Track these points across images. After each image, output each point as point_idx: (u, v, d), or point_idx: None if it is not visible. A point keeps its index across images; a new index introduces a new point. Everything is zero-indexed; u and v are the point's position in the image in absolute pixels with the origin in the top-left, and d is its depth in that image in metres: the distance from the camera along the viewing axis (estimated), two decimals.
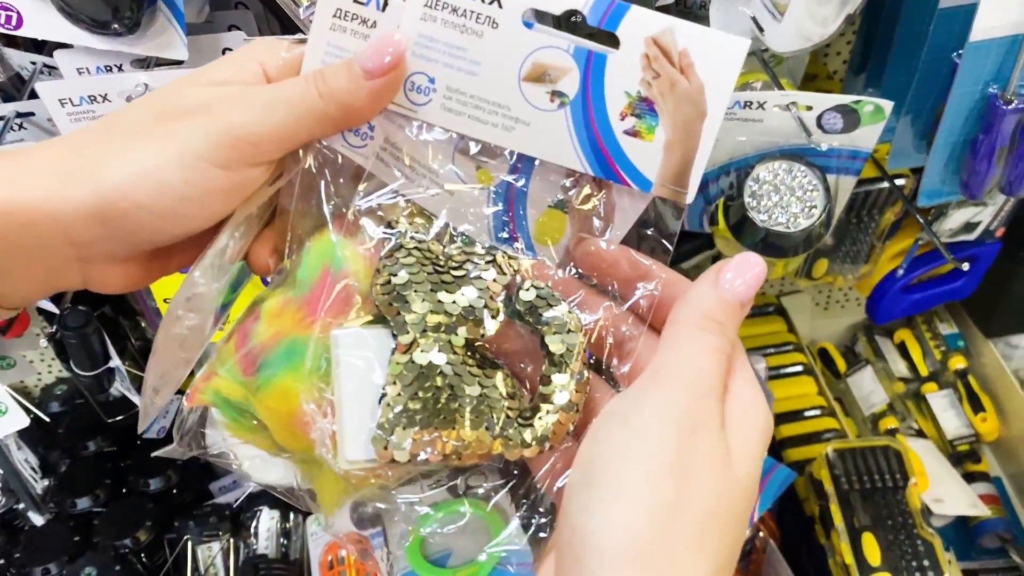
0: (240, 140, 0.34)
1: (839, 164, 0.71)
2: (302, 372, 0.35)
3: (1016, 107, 0.64)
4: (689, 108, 0.34)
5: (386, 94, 0.35)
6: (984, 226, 0.94)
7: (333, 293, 0.35)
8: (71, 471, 1.08)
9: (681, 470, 0.30)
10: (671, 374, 0.32)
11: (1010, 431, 1.17)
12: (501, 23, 0.33)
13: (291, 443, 0.37)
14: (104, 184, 0.33)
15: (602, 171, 0.35)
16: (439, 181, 0.37)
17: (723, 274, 0.33)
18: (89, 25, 0.57)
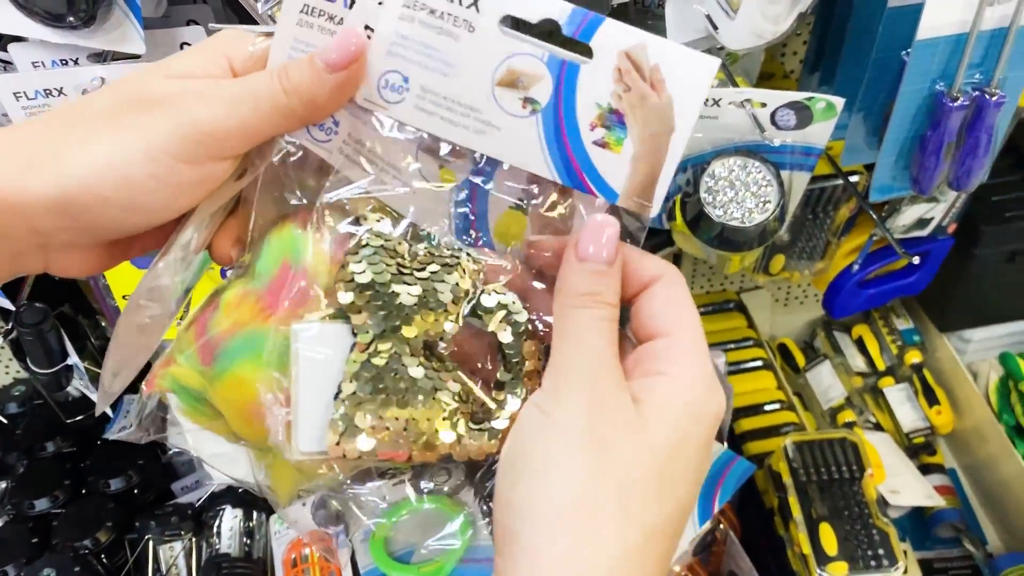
0: (206, 135, 0.34)
1: (793, 160, 0.73)
2: (258, 363, 0.35)
3: (961, 104, 0.66)
4: (658, 123, 0.34)
5: (348, 88, 0.36)
6: (936, 222, 0.97)
7: (292, 287, 0.36)
8: (29, 472, 1.07)
9: (592, 439, 0.32)
10: (564, 360, 0.34)
11: (964, 423, 1.20)
12: (477, 27, 0.34)
13: (247, 433, 0.38)
14: (68, 176, 0.33)
15: (570, 180, 0.35)
16: (403, 178, 0.38)
17: (580, 246, 0.34)
18: (44, 18, 0.57)
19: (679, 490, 0.33)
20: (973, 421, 1.18)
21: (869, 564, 0.89)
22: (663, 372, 0.34)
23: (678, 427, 0.33)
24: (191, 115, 0.34)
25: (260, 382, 0.36)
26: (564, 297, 0.35)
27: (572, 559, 0.30)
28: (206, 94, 0.34)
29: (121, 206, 0.34)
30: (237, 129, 0.34)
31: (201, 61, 0.35)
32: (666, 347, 0.35)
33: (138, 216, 0.35)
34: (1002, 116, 0.68)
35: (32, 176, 0.33)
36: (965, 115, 0.67)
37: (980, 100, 0.66)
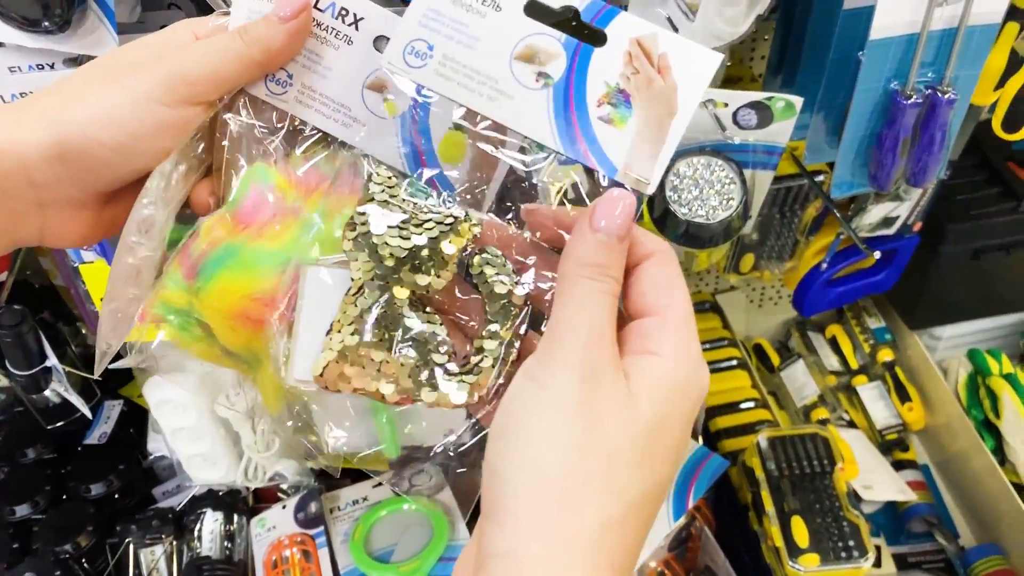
0: (181, 80, 0.39)
1: (755, 159, 0.75)
2: (238, 270, 0.39)
3: (915, 101, 0.68)
4: (662, 105, 0.36)
5: (300, 34, 0.41)
6: (902, 220, 0.99)
7: (263, 205, 0.40)
8: (9, 478, 1.07)
9: (582, 412, 0.33)
10: (564, 329, 0.34)
11: (935, 420, 1.22)
12: (504, 7, 0.38)
13: (233, 341, 0.41)
14: (64, 123, 0.39)
15: (571, 151, 0.37)
16: (352, 115, 0.42)
17: (595, 218, 0.35)
18: (20, 23, 0.58)
19: (661, 466, 0.34)
20: (944, 417, 1.20)
21: (840, 555, 0.91)
22: (652, 351, 0.35)
23: (664, 405, 0.34)
24: (169, 65, 0.40)
25: (241, 287, 0.39)
26: (572, 265, 0.35)
27: (556, 527, 0.31)
28: (179, 51, 0.40)
29: (111, 147, 0.39)
30: (207, 75, 0.40)
31: (171, 35, 0.42)
32: (655, 326, 0.36)
33: (125, 156, 0.40)
34: (955, 113, 0.70)
35: (28, 129, 0.39)
36: (919, 112, 0.69)
37: (933, 98, 0.69)
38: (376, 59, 0.41)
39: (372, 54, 0.41)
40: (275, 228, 0.40)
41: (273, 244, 0.40)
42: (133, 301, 0.42)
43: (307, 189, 0.41)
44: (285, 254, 0.39)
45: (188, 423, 0.92)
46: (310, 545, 1.01)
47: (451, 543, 1.02)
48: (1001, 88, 0.72)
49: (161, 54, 0.40)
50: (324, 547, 1.01)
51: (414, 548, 1.00)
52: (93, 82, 0.40)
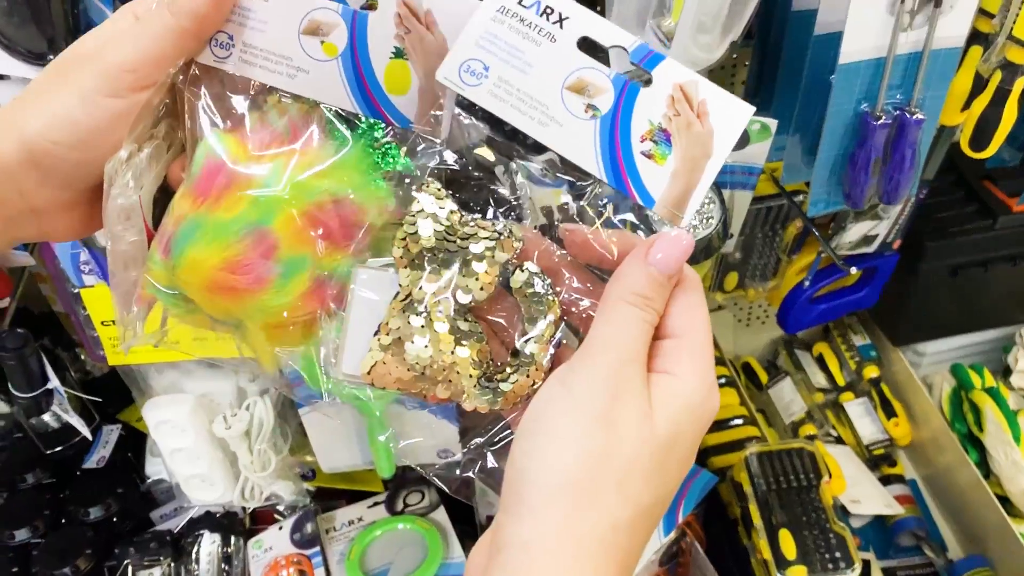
0: (121, 70, 0.40)
1: (734, 179, 0.78)
2: (203, 244, 0.40)
3: (884, 122, 0.71)
4: (698, 147, 0.39)
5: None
6: (881, 238, 1.02)
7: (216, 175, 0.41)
8: (9, 504, 1.08)
9: (606, 423, 0.35)
10: (602, 345, 0.37)
11: (921, 435, 1.24)
12: (559, 39, 0.40)
13: (214, 309, 0.42)
14: (27, 133, 0.40)
15: (614, 180, 0.40)
16: (295, 65, 0.43)
17: (653, 251, 0.37)
18: (25, 56, 0.61)
19: (669, 479, 0.37)
20: (929, 432, 1.22)
21: (827, 567, 0.92)
22: (670, 372, 0.37)
23: (678, 424, 0.36)
24: (107, 59, 0.40)
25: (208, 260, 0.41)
26: (620, 289, 0.37)
27: (570, 524, 0.34)
28: (115, 39, 0.41)
29: (71, 146, 0.40)
30: (144, 58, 0.40)
31: (112, 22, 0.42)
32: (675, 348, 0.38)
33: (88, 152, 0.41)
34: (923, 133, 0.73)
35: (4, 143, 0.40)
36: (889, 133, 0.72)
37: (902, 118, 0.72)
38: (306, 1, 0.41)
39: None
40: (234, 195, 0.40)
41: (231, 212, 0.40)
42: (134, 281, 0.43)
43: (260, 148, 0.41)
44: (244, 220, 0.40)
45: (186, 444, 0.94)
46: (306, 565, 1.03)
47: (446, 562, 1.03)
48: (968, 109, 0.75)
49: (102, 45, 0.41)
50: (320, 567, 1.02)
51: (409, 567, 1.02)
52: (48, 85, 0.41)
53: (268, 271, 0.40)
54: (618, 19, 0.69)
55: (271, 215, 0.40)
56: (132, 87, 0.40)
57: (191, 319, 0.43)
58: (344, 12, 0.42)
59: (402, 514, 1.10)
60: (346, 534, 1.10)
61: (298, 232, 0.40)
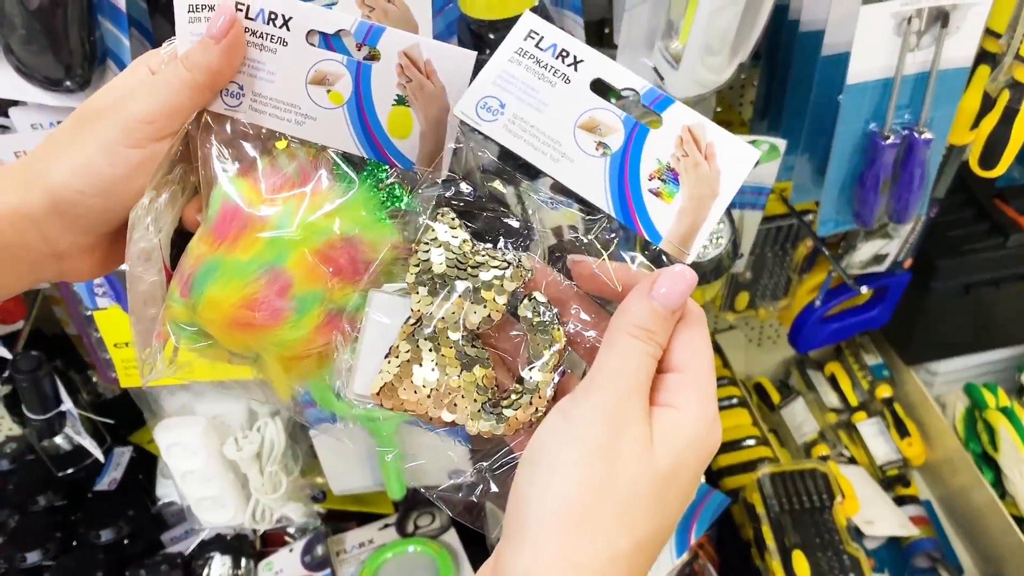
0: (140, 122, 0.42)
1: (743, 200, 0.78)
2: (221, 283, 0.42)
3: (893, 142, 0.71)
4: (705, 187, 0.40)
5: (235, 51, 0.43)
6: (892, 257, 1.02)
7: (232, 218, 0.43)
8: (20, 526, 1.09)
9: (607, 454, 0.35)
10: (604, 377, 0.37)
11: (935, 454, 1.23)
12: (573, 81, 0.41)
13: (234, 344, 0.44)
14: (53, 183, 0.42)
15: (623, 216, 0.41)
16: (303, 112, 0.45)
17: (656, 286, 0.38)
18: (43, 83, 0.62)
19: (670, 511, 0.37)
20: (943, 452, 1.21)
21: None
22: (673, 405, 0.37)
23: (679, 457, 0.37)
24: (126, 111, 0.42)
25: (227, 298, 0.43)
26: (624, 323, 0.38)
27: (570, 555, 0.34)
28: (133, 92, 0.43)
29: (94, 194, 0.42)
30: (161, 111, 0.42)
31: (128, 75, 0.44)
32: (677, 382, 0.38)
33: (110, 200, 0.43)
34: (932, 152, 0.73)
35: (30, 193, 0.42)
36: (897, 152, 0.73)
37: (910, 138, 0.72)
38: (312, 53, 0.43)
39: (308, 49, 0.43)
40: (249, 237, 0.42)
41: (248, 253, 0.42)
42: (154, 319, 0.45)
43: (272, 191, 0.43)
44: (260, 260, 0.42)
45: (197, 466, 0.94)
46: None
47: None
48: (976, 128, 0.75)
49: (120, 97, 0.43)
50: None
51: None
52: (70, 136, 0.43)
53: (283, 307, 0.42)
54: (627, 41, 0.70)
55: (285, 255, 0.42)
56: (151, 138, 0.42)
57: (209, 353, 0.45)
58: (349, 63, 0.44)
59: (413, 536, 1.10)
60: (356, 556, 1.09)
61: (310, 270, 0.43)
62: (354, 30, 0.43)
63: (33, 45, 0.59)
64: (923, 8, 0.65)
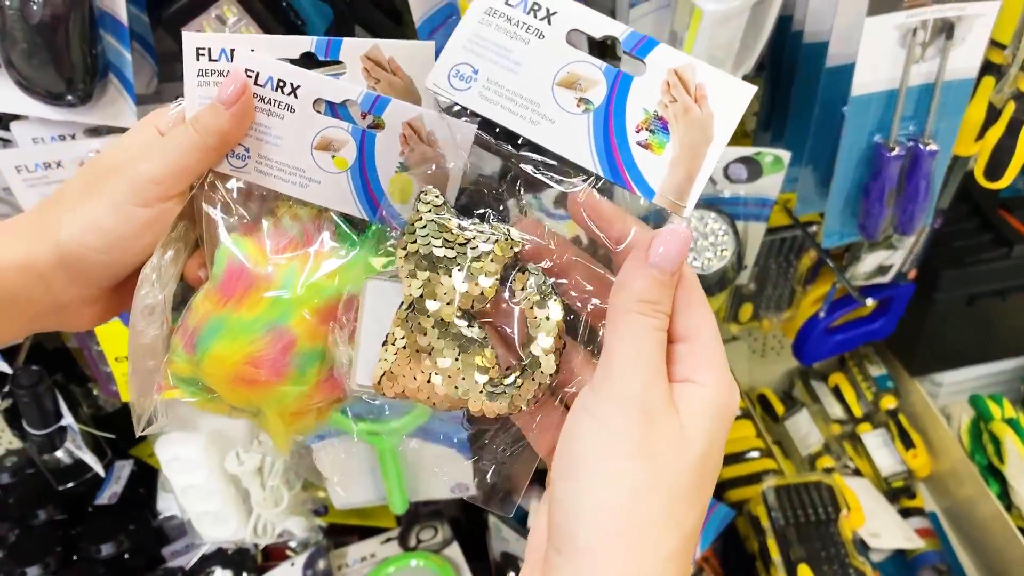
0: (148, 182, 0.43)
1: (747, 211, 0.77)
2: (226, 341, 0.43)
3: (898, 154, 0.71)
4: (698, 132, 0.38)
5: (244, 116, 0.44)
6: (896, 268, 1.01)
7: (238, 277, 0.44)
8: (21, 540, 1.08)
9: (645, 454, 0.35)
10: (621, 364, 0.36)
11: (940, 466, 1.23)
12: (547, 36, 0.39)
13: (236, 399, 0.45)
14: (61, 239, 0.43)
15: (611, 174, 0.38)
16: (307, 176, 0.45)
17: (652, 249, 0.36)
18: (44, 97, 0.62)
19: (707, 492, 0.37)
20: (949, 463, 1.21)
21: None
22: (692, 380, 0.36)
23: (710, 435, 0.36)
24: (136, 171, 0.43)
25: (231, 356, 0.43)
26: (625, 300, 0.36)
27: (626, 565, 0.34)
28: (143, 152, 0.44)
29: (102, 251, 0.43)
30: (170, 172, 0.43)
31: (137, 134, 0.45)
32: (689, 353, 0.37)
33: (118, 256, 0.44)
34: (937, 164, 0.73)
35: (37, 247, 0.43)
36: (903, 164, 0.72)
37: (915, 150, 0.71)
38: (319, 120, 0.44)
39: (314, 116, 0.44)
40: (255, 296, 0.44)
41: (253, 312, 0.44)
42: (152, 371, 0.46)
43: (276, 251, 0.45)
44: (265, 319, 0.43)
45: (199, 480, 0.93)
46: None
47: None
48: (982, 139, 0.75)
49: (130, 157, 0.44)
50: None
51: None
52: (80, 193, 0.44)
53: (286, 364, 0.44)
54: None
55: (289, 314, 0.44)
56: (159, 197, 0.43)
57: (210, 406, 0.46)
58: (354, 131, 0.44)
59: (415, 550, 1.09)
60: (359, 571, 1.09)
61: (313, 328, 0.44)
62: (360, 100, 0.43)
63: (35, 59, 0.59)
64: (928, 20, 0.65)
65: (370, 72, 0.45)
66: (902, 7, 0.64)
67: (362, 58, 0.45)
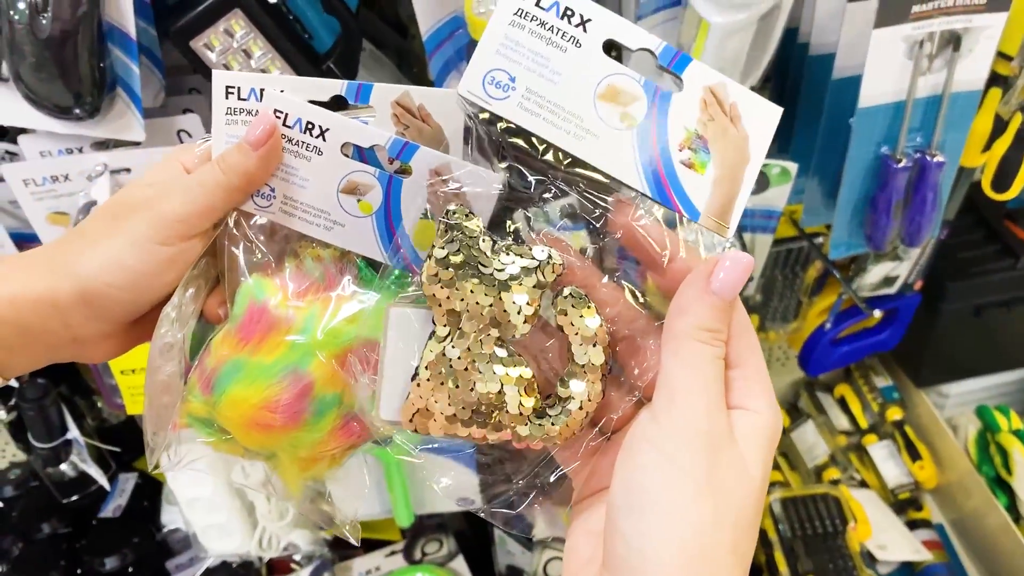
0: (173, 221, 0.43)
1: (754, 223, 0.77)
2: (244, 384, 0.43)
3: (905, 165, 0.71)
4: (736, 153, 0.37)
5: (272, 158, 0.44)
6: (902, 279, 1.01)
7: (259, 319, 0.44)
8: (25, 553, 1.08)
9: (713, 489, 0.34)
10: (684, 393, 0.35)
11: (947, 478, 1.22)
12: (584, 44, 0.37)
13: (251, 442, 0.44)
14: (82, 275, 0.43)
15: (658, 194, 0.37)
16: (332, 219, 0.45)
17: (715, 275, 0.35)
18: (52, 111, 0.62)
19: (760, 516, 0.37)
20: (956, 475, 1.20)
21: None
22: (746, 407, 0.36)
23: (766, 463, 0.36)
24: (160, 208, 0.43)
25: (249, 399, 0.43)
26: (687, 327, 0.36)
27: None
28: (168, 190, 0.44)
29: (123, 288, 0.43)
30: (195, 211, 0.43)
31: (162, 171, 0.45)
32: (743, 379, 0.36)
33: (139, 294, 0.44)
34: (944, 175, 0.73)
35: (58, 281, 0.43)
36: (910, 175, 0.72)
37: (922, 161, 0.71)
38: (346, 164, 0.44)
39: (342, 160, 0.44)
40: (275, 339, 0.43)
41: (272, 356, 0.43)
42: (168, 407, 0.46)
43: (298, 294, 0.44)
44: (283, 363, 0.43)
45: (204, 493, 0.93)
46: None
47: None
48: (989, 150, 0.75)
49: (154, 194, 0.43)
50: None
51: None
52: (102, 229, 0.44)
53: (303, 410, 0.43)
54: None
55: (307, 359, 0.43)
56: (182, 236, 0.43)
57: (224, 447, 0.46)
58: (380, 176, 0.44)
59: (420, 563, 1.09)
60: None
61: (331, 374, 0.43)
62: (388, 146, 0.43)
63: (43, 73, 0.59)
64: (935, 31, 0.65)
65: (400, 118, 0.45)
66: (909, 19, 0.64)
67: (392, 103, 0.44)
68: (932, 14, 0.64)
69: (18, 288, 0.42)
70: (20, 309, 0.42)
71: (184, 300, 0.45)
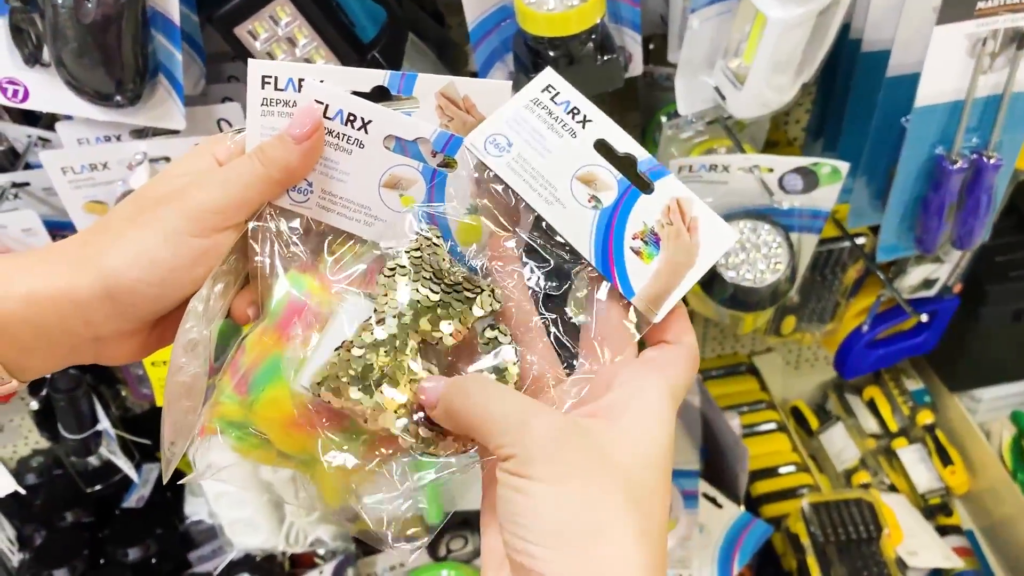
0: (207, 212, 0.41)
1: (800, 223, 0.76)
2: (284, 381, 0.41)
3: (960, 167, 0.69)
4: (683, 256, 0.42)
5: (314, 152, 0.43)
6: (942, 282, 0.99)
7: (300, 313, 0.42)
8: (48, 543, 1.07)
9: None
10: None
11: (979, 484, 1.20)
12: (579, 136, 0.43)
13: (290, 446, 0.42)
14: (108, 269, 0.40)
15: (602, 267, 0.42)
16: (372, 214, 0.44)
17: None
18: (92, 97, 0.61)
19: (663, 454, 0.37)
20: (988, 481, 1.18)
21: None
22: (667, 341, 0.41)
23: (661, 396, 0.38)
24: (194, 199, 0.41)
25: (289, 397, 0.41)
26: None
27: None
28: (202, 181, 0.42)
29: (152, 283, 0.41)
30: (230, 201, 0.42)
31: (194, 161, 0.43)
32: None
33: (169, 290, 0.42)
34: (1000, 177, 0.71)
35: (81, 276, 0.40)
36: (965, 177, 0.70)
37: (979, 163, 0.69)
38: (388, 157, 0.43)
39: (384, 153, 0.43)
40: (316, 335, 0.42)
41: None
42: (189, 410, 0.44)
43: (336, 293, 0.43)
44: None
45: (231, 488, 0.92)
46: None
47: None
48: None
49: (186, 185, 0.42)
50: None
51: None
52: (128, 222, 0.42)
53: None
54: (687, 60, 0.68)
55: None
56: (216, 228, 0.42)
57: (255, 454, 0.44)
58: (424, 170, 0.43)
59: (445, 560, 1.08)
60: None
61: None
62: (433, 139, 0.43)
63: (85, 59, 0.58)
64: (999, 29, 0.63)
65: (444, 110, 0.44)
66: (973, 16, 0.62)
67: (437, 95, 0.43)
68: (998, 11, 0.62)
69: (36, 284, 0.40)
70: (37, 306, 0.40)
71: (213, 295, 0.43)
